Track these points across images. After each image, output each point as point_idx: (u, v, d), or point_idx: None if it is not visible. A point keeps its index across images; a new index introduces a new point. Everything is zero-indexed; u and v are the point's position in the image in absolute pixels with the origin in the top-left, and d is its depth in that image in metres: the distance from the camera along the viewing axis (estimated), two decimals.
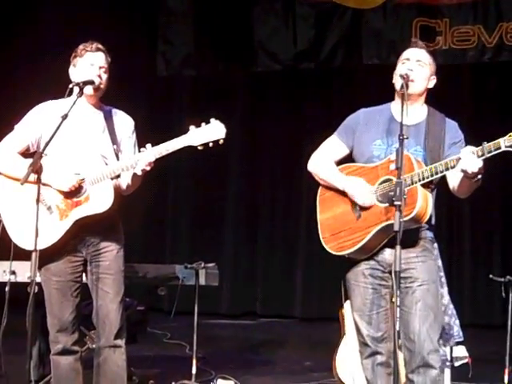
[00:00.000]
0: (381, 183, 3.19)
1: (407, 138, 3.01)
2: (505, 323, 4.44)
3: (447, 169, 3.08)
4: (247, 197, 8.02)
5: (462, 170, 3.02)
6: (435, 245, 3.35)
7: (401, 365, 3.25)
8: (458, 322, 4.53)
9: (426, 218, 3.15)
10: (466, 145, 3.22)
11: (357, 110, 3.50)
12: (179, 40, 8.02)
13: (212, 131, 3.30)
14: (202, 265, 4.53)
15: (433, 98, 3.40)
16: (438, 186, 3.29)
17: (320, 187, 3.40)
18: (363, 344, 3.32)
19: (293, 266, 7.84)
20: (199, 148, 3.32)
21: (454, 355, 4.28)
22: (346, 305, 4.46)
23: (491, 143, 2.99)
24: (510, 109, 7.02)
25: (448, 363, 4.20)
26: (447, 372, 4.18)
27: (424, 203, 3.11)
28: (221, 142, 3.31)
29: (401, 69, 3.25)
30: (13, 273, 4.01)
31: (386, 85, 3.43)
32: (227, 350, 6.11)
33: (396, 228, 2.88)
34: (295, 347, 6.22)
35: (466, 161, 2.99)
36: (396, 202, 2.90)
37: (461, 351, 4.60)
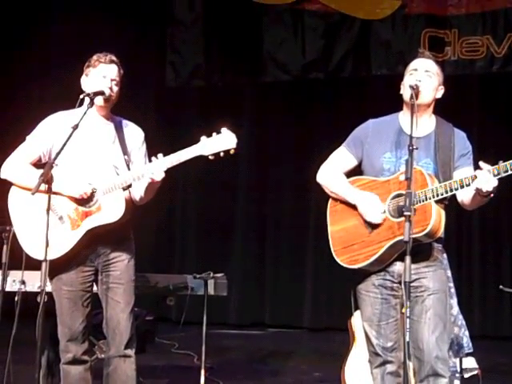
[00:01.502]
0: (393, 198, 3.19)
1: (416, 149, 3.00)
2: None
3: (462, 187, 3.07)
4: (255, 208, 8.02)
5: (478, 189, 3.01)
6: (444, 255, 3.35)
7: (411, 375, 3.26)
8: (467, 333, 4.51)
9: (439, 234, 3.16)
10: (473, 156, 3.23)
11: (366, 120, 3.50)
12: (188, 51, 8.06)
13: (223, 141, 3.30)
14: (211, 275, 4.53)
15: (441, 108, 3.40)
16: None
17: (330, 199, 3.39)
18: (373, 353, 3.31)
19: (301, 277, 7.83)
20: (210, 158, 3.32)
21: (463, 367, 4.25)
22: (356, 315, 4.46)
23: (507, 162, 2.98)
24: None
25: (458, 375, 4.18)
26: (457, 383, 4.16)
27: (437, 219, 3.11)
28: (232, 151, 3.30)
29: (409, 80, 3.24)
30: (23, 282, 4.02)
31: (394, 95, 3.43)
32: (236, 360, 6.10)
33: (406, 238, 2.87)
34: (304, 357, 6.20)
35: (482, 180, 2.98)
36: (406, 213, 2.90)
37: (470, 363, 4.57)
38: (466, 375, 4.46)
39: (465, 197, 3.19)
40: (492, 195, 3.04)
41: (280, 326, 7.71)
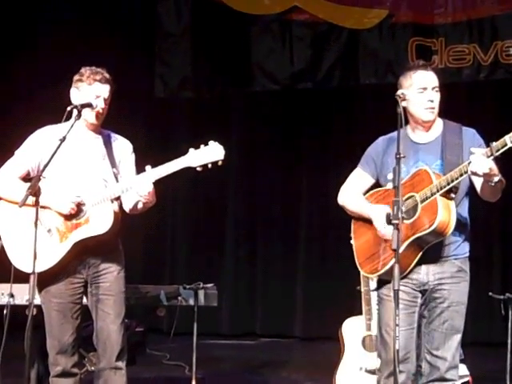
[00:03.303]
0: (405, 200, 3.23)
1: (404, 157, 3.03)
2: (505, 341, 4.43)
3: (461, 174, 3.14)
4: (245, 218, 8.01)
5: (472, 173, 3.08)
6: (468, 262, 3.39)
7: None
8: None
9: (450, 229, 3.19)
10: None
11: (355, 129, 3.54)
12: (177, 62, 8.06)
13: (211, 153, 3.36)
14: (201, 285, 4.53)
15: None
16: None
17: (352, 219, 3.53)
18: (385, 362, 3.33)
19: (292, 286, 7.82)
20: (198, 169, 3.37)
21: None
22: (345, 324, 4.47)
23: (498, 142, 3.05)
24: (505, 126, 7.05)
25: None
26: None
27: (446, 213, 3.16)
28: (220, 163, 3.37)
29: (421, 99, 3.29)
30: (11, 295, 4.00)
31: (383, 104, 3.46)
32: (227, 371, 6.08)
33: (394, 246, 2.90)
34: (296, 367, 6.18)
35: (475, 163, 3.05)
36: (393, 221, 2.92)
37: (462, 370, 4.58)
38: (457, 383, 4.47)
39: (478, 187, 3.26)
40: (496, 179, 3.08)
41: (272, 335, 7.69)
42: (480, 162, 3.03)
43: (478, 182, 3.24)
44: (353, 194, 3.50)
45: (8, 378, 3.61)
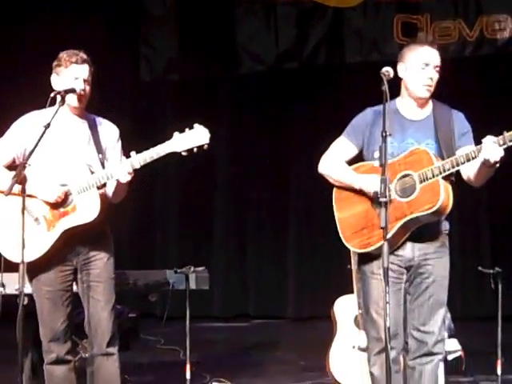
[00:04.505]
0: (399, 179, 3.22)
1: (390, 135, 3.02)
2: (496, 315, 4.46)
3: (468, 160, 3.14)
4: (236, 199, 8.02)
5: (485, 160, 3.07)
6: (447, 238, 3.42)
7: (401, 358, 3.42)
8: (449, 315, 4.56)
9: (448, 210, 3.22)
10: (473, 135, 3.31)
11: (342, 107, 3.52)
12: (161, 45, 8.02)
13: (196, 136, 3.30)
14: (192, 269, 4.52)
15: None
16: None
17: (335, 188, 3.43)
18: (374, 339, 3.33)
19: (283, 267, 7.85)
20: (183, 154, 3.32)
21: (446, 349, 4.30)
22: (337, 303, 4.49)
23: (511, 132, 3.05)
24: (492, 102, 7.07)
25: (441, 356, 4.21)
26: (441, 366, 4.19)
27: (446, 196, 3.17)
28: (205, 147, 3.30)
29: (422, 75, 3.29)
30: (2, 285, 3.99)
31: (369, 82, 3.45)
32: (221, 353, 6.11)
33: (382, 224, 2.90)
34: (289, 348, 6.22)
35: (488, 150, 3.05)
36: (381, 199, 2.91)
37: (453, 345, 4.62)
38: (450, 357, 4.51)
39: (471, 172, 3.25)
40: (498, 165, 3.10)
41: (264, 316, 7.73)
42: (493, 150, 3.04)
43: (471, 168, 3.22)
44: (337, 163, 3.40)
45: (2, 367, 3.60)
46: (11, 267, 3.52)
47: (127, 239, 7.65)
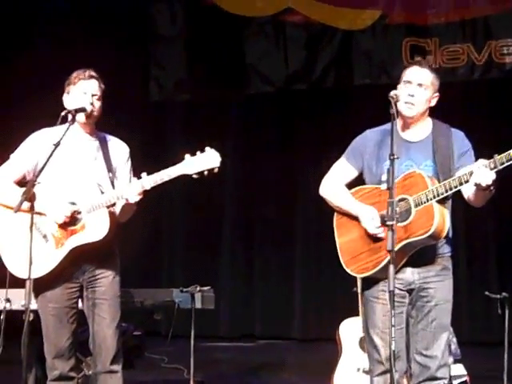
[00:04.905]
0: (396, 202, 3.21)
1: (397, 158, 3.02)
2: (502, 340, 4.43)
3: (461, 184, 3.12)
4: (242, 220, 8.02)
5: (476, 184, 3.05)
6: (451, 260, 3.39)
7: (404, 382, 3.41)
8: (455, 339, 4.53)
9: (444, 234, 3.21)
10: (474, 152, 3.29)
11: (350, 130, 3.52)
12: (171, 65, 8.08)
13: (207, 160, 3.31)
14: (198, 288, 4.53)
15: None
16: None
17: (335, 212, 3.44)
18: (376, 362, 3.32)
19: (290, 288, 7.83)
20: (194, 176, 3.33)
21: (452, 374, 4.27)
22: (342, 325, 4.48)
23: (503, 155, 3.02)
24: (499, 125, 7.08)
25: (447, 382, 4.19)
26: None
27: (441, 219, 3.16)
28: (216, 170, 3.31)
29: (402, 92, 3.26)
30: (8, 300, 4.00)
31: (377, 104, 3.45)
32: (226, 373, 6.08)
33: (389, 247, 2.89)
34: (294, 369, 6.18)
35: (478, 174, 3.03)
36: (388, 222, 2.91)
37: (459, 369, 4.59)
38: (455, 382, 4.47)
39: (470, 193, 3.23)
40: (493, 188, 3.07)
41: (270, 337, 7.70)
42: (484, 174, 3.01)
43: (468, 188, 3.20)
44: (337, 187, 3.41)
45: (6, 382, 3.60)
46: (18, 283, 3.53)
47: (134, 257, 7.65)
